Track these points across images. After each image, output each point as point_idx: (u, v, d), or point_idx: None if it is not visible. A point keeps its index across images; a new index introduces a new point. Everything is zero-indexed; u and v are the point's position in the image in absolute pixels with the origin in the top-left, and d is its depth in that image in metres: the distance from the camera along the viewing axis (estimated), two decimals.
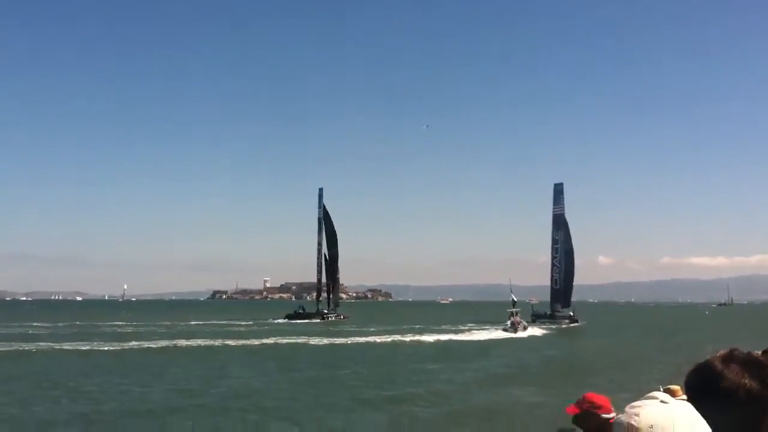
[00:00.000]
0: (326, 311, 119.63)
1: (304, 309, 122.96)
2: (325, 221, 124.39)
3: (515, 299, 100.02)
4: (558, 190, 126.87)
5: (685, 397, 3.00)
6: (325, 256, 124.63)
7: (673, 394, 5.37)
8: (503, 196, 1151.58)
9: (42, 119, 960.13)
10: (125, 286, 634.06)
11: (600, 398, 5.59)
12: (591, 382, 34.73)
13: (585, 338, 78.67)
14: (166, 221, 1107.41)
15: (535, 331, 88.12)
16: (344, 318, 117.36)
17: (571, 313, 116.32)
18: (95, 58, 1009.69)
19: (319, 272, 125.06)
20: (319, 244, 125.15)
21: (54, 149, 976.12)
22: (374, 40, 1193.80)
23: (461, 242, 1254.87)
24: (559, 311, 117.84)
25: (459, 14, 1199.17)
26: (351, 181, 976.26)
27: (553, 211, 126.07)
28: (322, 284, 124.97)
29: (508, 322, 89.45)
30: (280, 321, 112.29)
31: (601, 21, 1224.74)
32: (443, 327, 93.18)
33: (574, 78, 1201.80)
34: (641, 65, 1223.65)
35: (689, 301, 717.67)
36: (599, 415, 5.36)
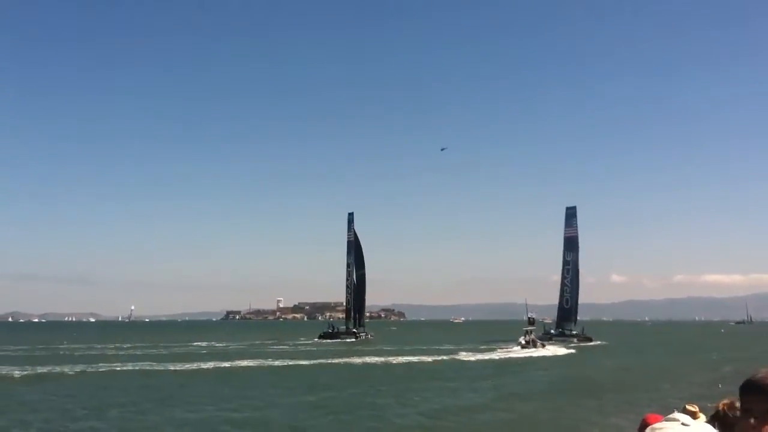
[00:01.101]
0: (356, 330, 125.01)
1: (336, 328, 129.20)
2: (355, 244, 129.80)
3: (533, 318, 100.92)
4: (570, 214, 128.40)
5: (704, 418, 3.38)
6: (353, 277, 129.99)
7: (692, 415, 6.54)
8: (516, 215, 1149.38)
9: (53, 138, 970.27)
10: (132, 307, 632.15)
11: (652, 419, 6.86)
12: (611, 399, 35.91)
13: (602, 357, 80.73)
14: (178, 241, 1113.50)
15: (552, 349, 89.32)
16: (372, 337, 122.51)
17: (575, 332, 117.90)
18: (113, 74, 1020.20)
19: (348, 293, 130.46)
20: (348, 266, 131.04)
21: (66, 169, 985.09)
22: (387, 54, 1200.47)
23: (473, 262, 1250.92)
24: (569, 330, 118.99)
25: (468, 27, 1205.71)
26: (365, 201, 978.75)
27: (565, 234, 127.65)
28: (350, 305, 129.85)
29: (522, 340, 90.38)
30: (316, 340, 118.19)
31: (609, 38, 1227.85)
32: (464, 346, 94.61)
33: (586, 96, 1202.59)
34: (652, 80, 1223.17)
35: (705, 319, 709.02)
36: None
